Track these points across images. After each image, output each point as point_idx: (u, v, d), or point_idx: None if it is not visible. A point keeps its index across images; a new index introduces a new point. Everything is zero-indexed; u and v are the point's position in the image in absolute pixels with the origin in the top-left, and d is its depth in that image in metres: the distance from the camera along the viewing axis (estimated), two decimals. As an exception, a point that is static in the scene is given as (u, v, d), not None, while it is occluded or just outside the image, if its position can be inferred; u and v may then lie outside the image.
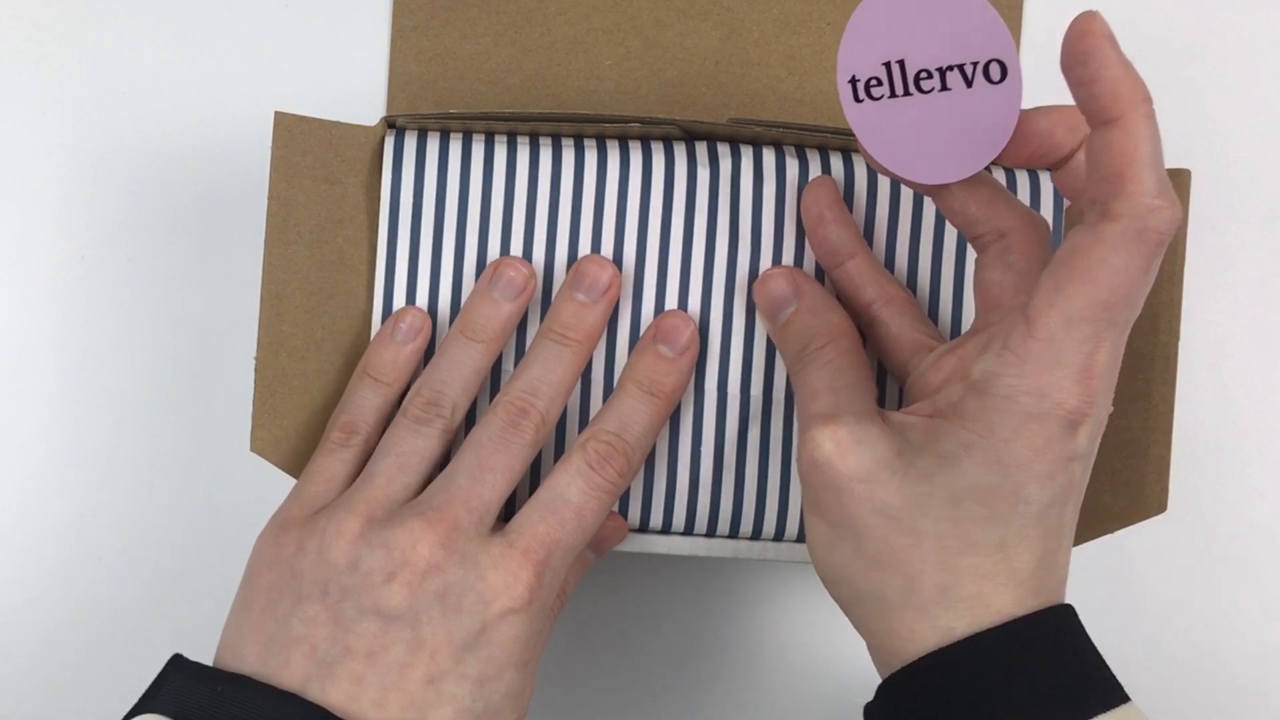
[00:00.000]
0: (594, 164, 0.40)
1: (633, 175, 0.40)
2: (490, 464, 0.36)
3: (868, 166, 0.40)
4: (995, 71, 0.34)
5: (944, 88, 0.34)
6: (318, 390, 0.40)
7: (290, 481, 0.40)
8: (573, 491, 0.37)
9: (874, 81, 0.34)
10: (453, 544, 0.35)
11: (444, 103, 0.45)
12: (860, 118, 0.35)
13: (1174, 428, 0.39)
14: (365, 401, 0.38)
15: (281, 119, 0.39)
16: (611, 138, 0.40)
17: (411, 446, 0.37)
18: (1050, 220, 0.40)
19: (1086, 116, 0.30)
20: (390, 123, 0.40)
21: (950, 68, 0.34)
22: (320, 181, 0.40)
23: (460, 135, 0.40)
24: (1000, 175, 0.40)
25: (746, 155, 0.40)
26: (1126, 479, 0.40)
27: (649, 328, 0.39)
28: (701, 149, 0.40)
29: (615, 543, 0.40)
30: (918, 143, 0.34)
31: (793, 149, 0.40)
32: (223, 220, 0.46)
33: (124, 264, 0.46)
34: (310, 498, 0.37)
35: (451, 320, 0.39)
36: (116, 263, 0.46)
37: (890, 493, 0.32)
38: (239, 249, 0.45)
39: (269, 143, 0.39)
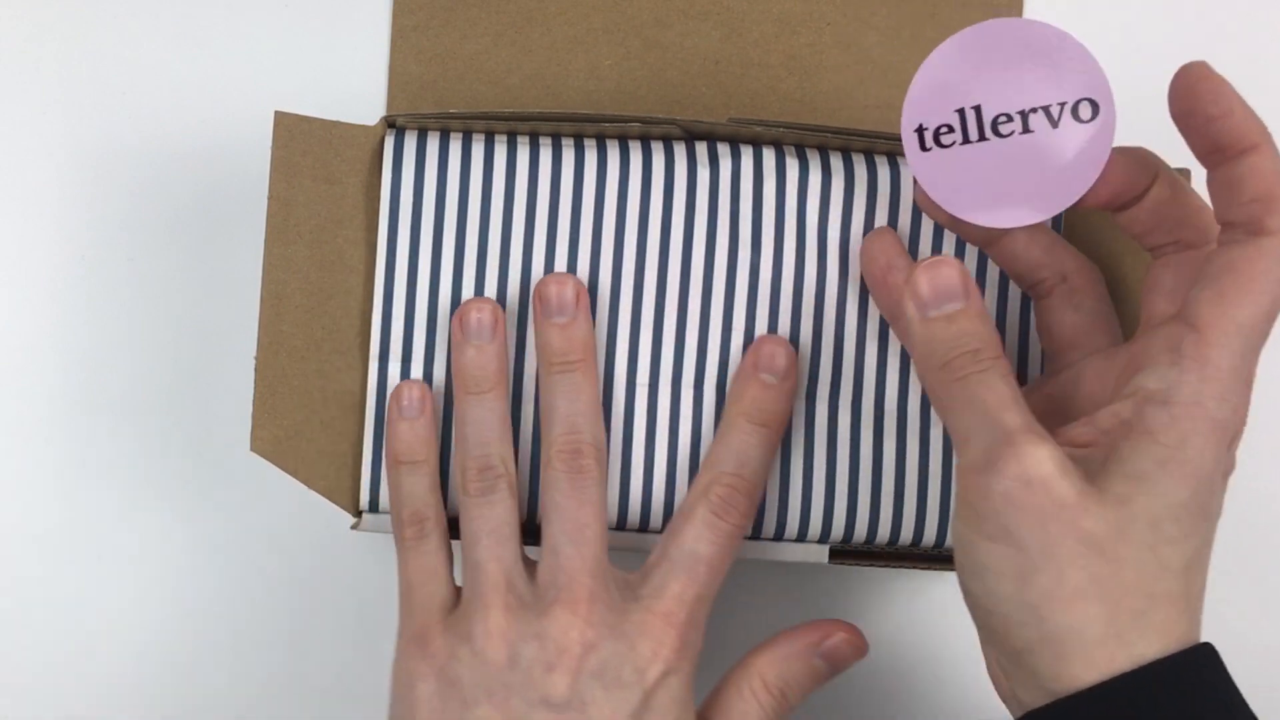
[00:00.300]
0: (594, 163, 0.40)
1: (633, 175, 0.40)
2: (581, 519, 0.37)
3: (867, 167, 0.40)
4: (1085, 111, 0.34)
5: (1025, 130, 0.34)
6: (317, 390, 0.40)
7: (290, 481, 0.40)
8: (703, 546, 0.37)
9: (944, 129, 0.34)
10: (596, 618, 0.36)
11: (444, 103, 0.45)
12: (925, 166, 0.34)
13: None
14: (413, 487, 0.38)
15: (281, 119, 0.39)
16: (611, 137, 0.40)
17: (493, 519, 0.37)
18: (1050, 219, 0.40)
19: (1215, 151, 0.32)
20: (390, 123, 0.40)
21: (1034, 109, 0.33)
22: (320, 181, 0.39)
23: (460, 135, 0.40)
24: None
25: (747, 155, 0.40)
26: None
27: (747, 356, 0.39)
28: (702, 149, 0.40)
29: (852, 661, 0.39)
30: (988, 187, 0.34)
31: (793, 149, 0.40)
32: (223, 220, 0.46)
33: (124, 264, 0.46)
34: (427, 603, 0.37)
35: (451, 327, 0.40)
36: (116, 263, 0.46)
37: (1094, 520, 0.31)
38: (239, 249, 0.45)
39: (269, 143, 0.39)
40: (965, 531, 0.33)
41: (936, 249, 0.40)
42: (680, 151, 0.40)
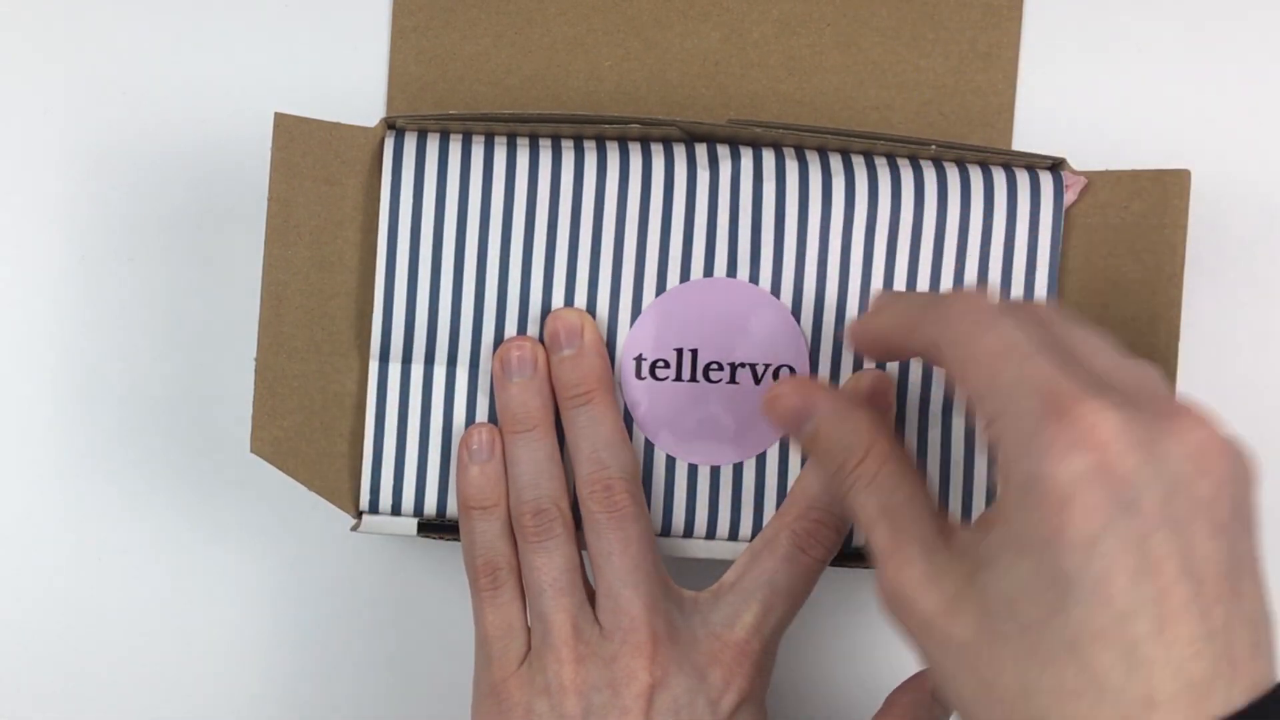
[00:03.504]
0: (594, 165, 0.40)
1: (633, 177, 0.40)
2: (630, 560, 0.37)
3: (867, 168, 0.40)
4: (785, 375, 0.39)
5: (732, 380, 0.39)
6: (318, 391, 0.40)
7: (290, 482, 0.40)
8: (781, 578, 0.37)
9: (661, 364, 0.39)
10: (662, 656, 0.36)
11: (444, 103, 0.45)
12: (638, 391, 0.39)
13: None
14: (485, 533, 0.39)
15: (281, 120, 0.39)
16: (611, 139, 0.40)
17: (553, 568, 0.37)
18: (1050, 220, 0.40)
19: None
20: (390, 124, 0.40)
21: (743, 365, 0.39)
22: (320, 182, 0.40)
23: (460, 136, 0.40)
24: (1002, 176, 0.40)
25: (747, 156, 0.40)
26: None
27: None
28: (701, 150, 0.40)
29: None
30: (689, 424, 0.39)
31: (793, 150, 0.40)
32: (223, 220, 0.46)
33: (124, 264, 0.46)
34: (503, 656, 0.38)
35: (453, 321, 0.40)
36: (116, 263, 0.46)
37: (960, 627, 0.29)
38: (239, 249, 0.45)
39: (269, 143, 0.39)
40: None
41: (937, 253, 0.40)
42: (680, 153, 0.40)
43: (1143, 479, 0.27)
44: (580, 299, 0.40)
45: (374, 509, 0.40)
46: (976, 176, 0.40)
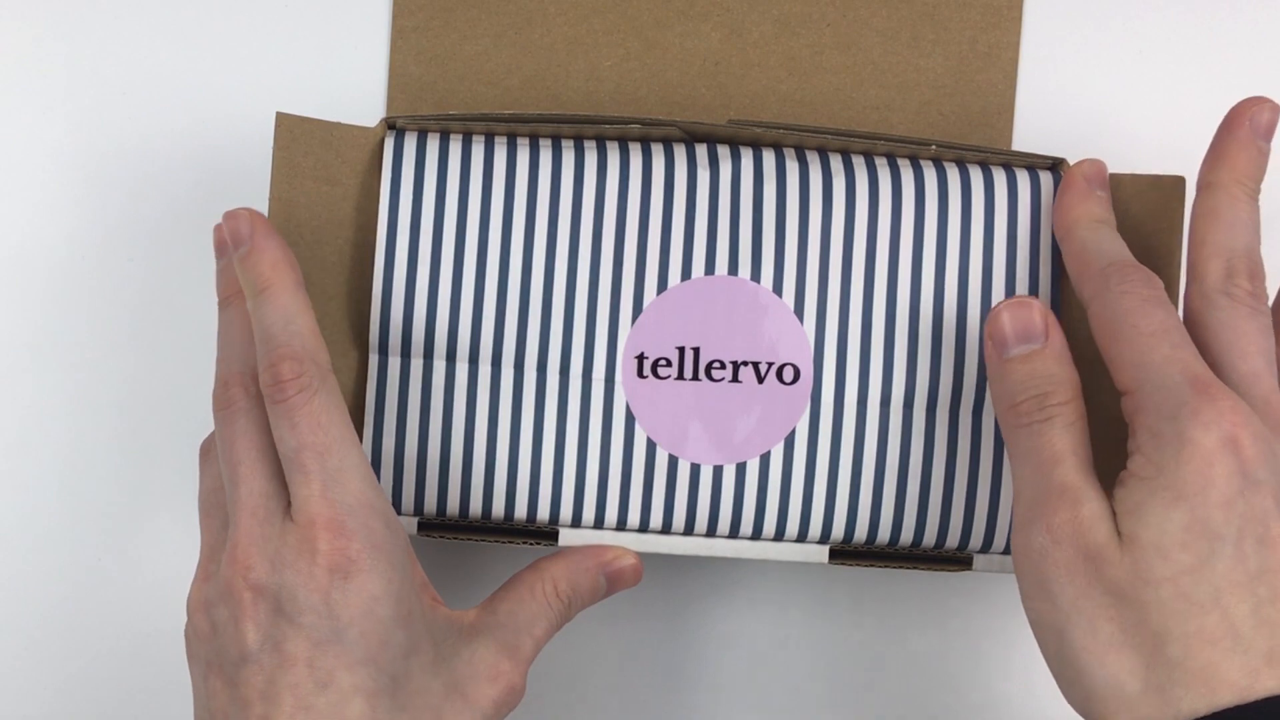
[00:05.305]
0: (594, 165, 0.40)
1: (633, 176, 0.40)
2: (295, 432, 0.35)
3: (868, 168, 0.40)
4: (789, 374, 0.39)
5: (734, 379, 0.39)
6: (318, 391, 0.40)
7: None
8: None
9: (663, 362, 0.39)
10: (255, 558, 0.34)
11: (444, 104, 0.45)
12: (639, 390, 0.39)
13: None
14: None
15: (283, 119, 0.39)
16: (611, 139, 0.40)
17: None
18: (1051, 220, 0.40)
19: None
20: (390, 124, 0.40)
21: (745, 363, 0.39)
22: (320, 182, 0.40)
23: (460, 136, 0.40)
24: (1002, 176, 0.40)
25: (747, 157, 0.40)
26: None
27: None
28: (702, 151, 0.40)
29: (629, 584, 0.39)
30: (688, 421, 0.39)
31: (793, 151, 0.40)
32: (223, 220, 0.46)
33: (124, 264, 0.46)
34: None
35: (451, 323, 0.39)
36: (116, 263, 0.46)
37: (1115, 567, 0.31)
38: (239, 249, 0.45)
39: (269, 143, 0.39)
40: (1020, 590, 0.34)
41: (939, 253, 0.40)
42: (680, 154, 0.40)
43: (1262, 464, 0.31)
44: (580, 298, 0.40)
45: (374, 509, 0.40)
46: (977, 176, 0.40)
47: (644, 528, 0.40)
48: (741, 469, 0.40)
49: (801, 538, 0.40)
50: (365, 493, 0.34)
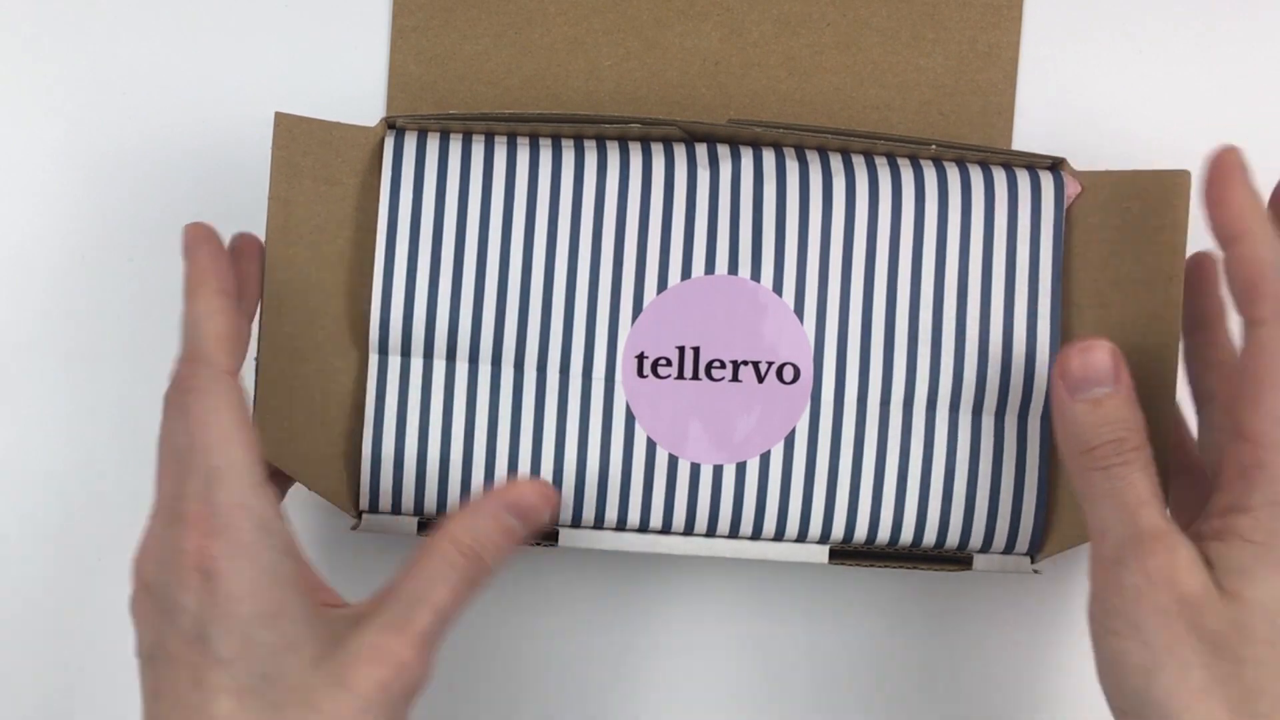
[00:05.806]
0: (594, 165, 0.40)
1: (633, 177, 0.40)
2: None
3: (868, 168, 0.40)
4: (789, 374, 0.39)
5: (734, 379, 0.39)
6: (318, 390, 0.40)
7: (296, 487, 0.40)
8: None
9: (663, 361, 0.39)
10: (148, 558, 0.35)
11: (444, 103, 0.45)
12: (637, 390, 0.39)
13: (1173, 428, 0.39)
14: None
15: (282, 119, 0.39)
16: (611, 139, 0.40)
17: None
18: (1052, 219, 0.40)
19: (1217, 237, 0.34)
20: (390, 123, 0.40)
21: (745, 362, 0.39)
22: (320, 182, 0.40)
23: (460, 136, 0.40)
24: (1002, 176, 0.40)
25: (747, 157, 0.40)
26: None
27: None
28: (702, 150, 0.40)
29: (544, 511, 0.37)
30: (687, 419, 0.39)
31: (793, 150, 0.40)
32: (223, 220, 0.46)
33: (124, 264, 0.46)
34: None
35: (451, 322, 0.39)
36: (116, 263, 0.46)
37: (1215, 618, 0.32)
38: (239, 249, 0.45)
39: (269, 143, 0.39)
40: (1097, 625, 0.34)
41: (939, 253, 0.40)
42: (680, 153, 0.40)
43: None
44: (581, 297, 0.40)
45: (374, 508, 0.40)
46: (977, 176, 0.40)
47: (644, 527, 0.40)
48: (741, 469, 0.40)
49: (801, 537, 0.40)
50: (241, 494, 0.34)
